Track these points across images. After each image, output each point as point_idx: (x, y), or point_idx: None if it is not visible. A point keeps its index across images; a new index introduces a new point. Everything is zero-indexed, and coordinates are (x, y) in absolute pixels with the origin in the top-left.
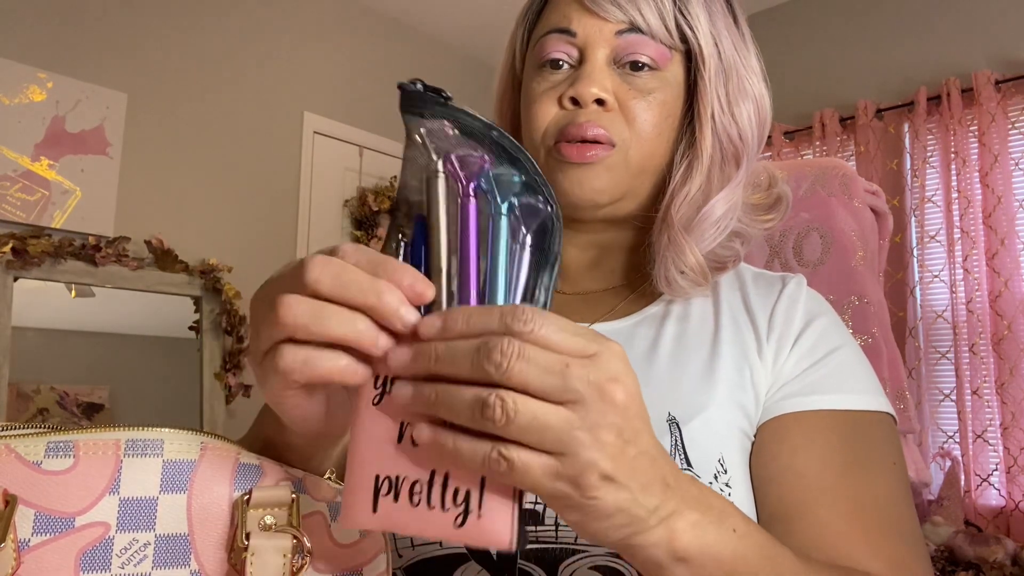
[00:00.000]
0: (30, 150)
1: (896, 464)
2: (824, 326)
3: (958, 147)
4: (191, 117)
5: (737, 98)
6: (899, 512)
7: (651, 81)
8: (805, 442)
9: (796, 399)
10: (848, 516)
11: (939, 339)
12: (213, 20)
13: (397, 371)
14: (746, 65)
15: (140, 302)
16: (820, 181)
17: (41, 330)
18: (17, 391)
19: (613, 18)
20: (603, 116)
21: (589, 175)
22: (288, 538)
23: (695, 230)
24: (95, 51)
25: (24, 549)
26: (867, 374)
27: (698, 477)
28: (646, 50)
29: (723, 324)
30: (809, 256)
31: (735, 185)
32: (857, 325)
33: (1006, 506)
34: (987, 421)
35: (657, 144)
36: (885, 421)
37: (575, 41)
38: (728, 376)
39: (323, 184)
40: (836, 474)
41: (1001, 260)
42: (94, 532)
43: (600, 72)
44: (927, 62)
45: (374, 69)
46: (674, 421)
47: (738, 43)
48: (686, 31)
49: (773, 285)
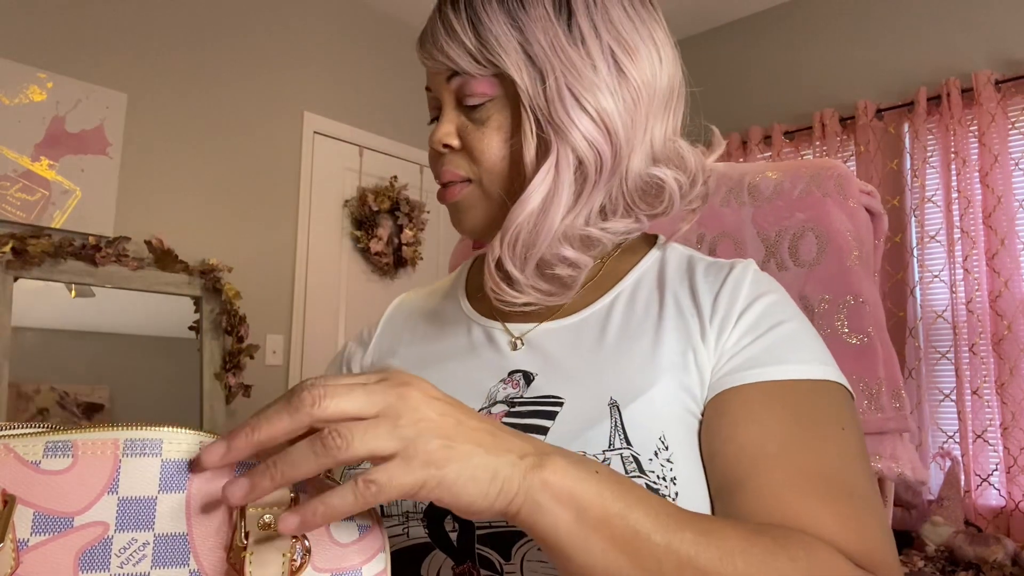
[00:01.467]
0: (30, 150)
1: (845, 429)
2: (769, 303)
3: (958, 147)
4: (191, 117)
5: (556, 104)
6: (849, 475)
7: (487, 111)
8: (746, 414)
9: (736, 374)
10: (791, 482)
11: (939, 339)
12: (213, 20)
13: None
14: (569, 66)
15: (140, 302)
16: (815, 181)
17: (41, 330)
18: (17, 391)
19: (436, 68)
20: (453, 158)
21: (458, 213)
22: (287, 538)
23: (509, 240)
24: (95, 51)
25: (23, 549)
26: (812, 346)
27: (638, 454)
28: (472, 87)
29: (667, 313)
30: (804, 256)
31: (570, 196)
32: (853, 325)
33: (1006, 506)
34: (987, 421)
35: (503, 167)
36: (832, 389)
37: (433, 95)
38: (671, 360)
39: (323, 184)
40: (778, 443)
41: (1001, 260)
42: (93, 532)
43: (445, 120)
44: (927, 62)
45: (374, 69)
46: (615, 404)
47: (562, 45)
48: (491, 57)
49: (721, 271)
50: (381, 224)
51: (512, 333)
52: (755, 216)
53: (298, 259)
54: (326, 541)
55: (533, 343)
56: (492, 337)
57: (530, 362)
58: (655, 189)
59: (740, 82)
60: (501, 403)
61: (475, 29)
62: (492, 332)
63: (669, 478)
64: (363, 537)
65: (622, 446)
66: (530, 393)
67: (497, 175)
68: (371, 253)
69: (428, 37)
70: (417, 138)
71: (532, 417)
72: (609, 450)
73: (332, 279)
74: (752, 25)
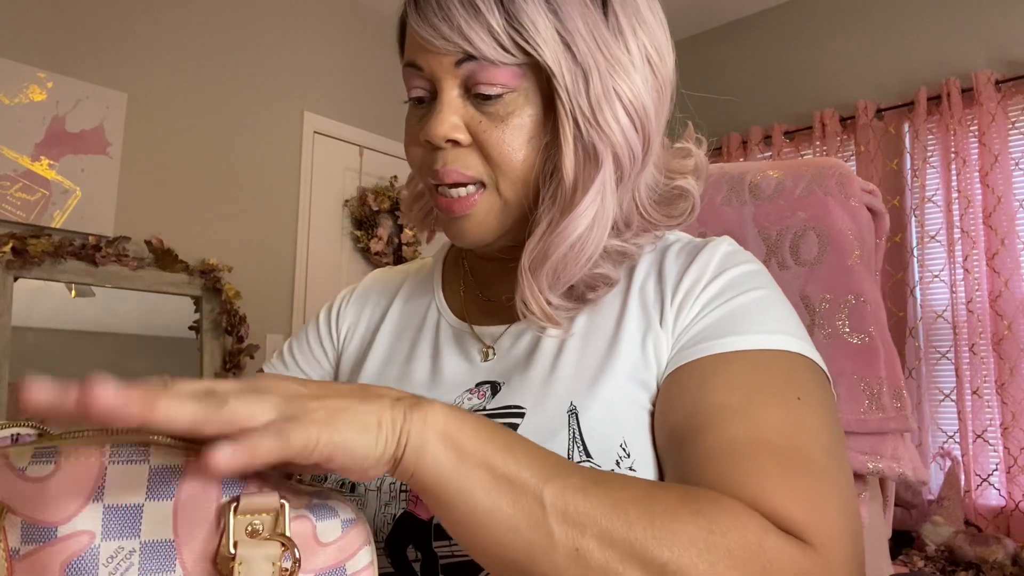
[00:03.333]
0: (30, 150)
1: (801, 399)
2: (738, 274)
3: (958, 147)
4: (191, 117)
5: (601, 103)
6: (802, 445)
7: (506, 105)
8: (697, 385)
9: (690, 349)
10: (739, 445)
11: (939, 339)
12: (213, 20)
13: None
14: (613, 61)
15: (140, 302)
16: (816, 180)
17: (41, 330)
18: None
19: (446, 51)
20: (460, 155)
21: (468, 225)
22: (276, 545)
23: (550, 266)
24: (95, 51)
25: (15, 558)
26: (775, 316)
27: (598, 467)
28: (491, 76)
29: (630, 304)
30: (806, 255)
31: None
32: (854, 324)
33: (1006, 506)
34: (987, 421)
35: (524, 170)
36: (793, 360)
37: (424, 75)
38: (630, 354)
39: (323, 184)
40: (724, 410)
41: (1001, 260)
42: (79, 542)
43: (448, 109)
44: (927, 62)
45: (374, 69)
46: (573, 412)
47: (603, 38)
48: (524, 45)
49: (693, 251)
50: (381, 224)
51: (483, 340)
52: (756, 215)
53: (298, 259)
54: (312, 544)
55: (502, 350)
56: (462, 341)
57: (498, 371)
58: (673, 199)
59: (740, 82)
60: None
61: (504, 8)
62: (463, 336)
63: None
64: (346, 533)
65: (581, 459)
66: (493, 404)
67: (516, 180)
68: (371, 253)
69: (434, 9)
70: None
71: None
72: None
73: (332, 279)
74: (752, 25)
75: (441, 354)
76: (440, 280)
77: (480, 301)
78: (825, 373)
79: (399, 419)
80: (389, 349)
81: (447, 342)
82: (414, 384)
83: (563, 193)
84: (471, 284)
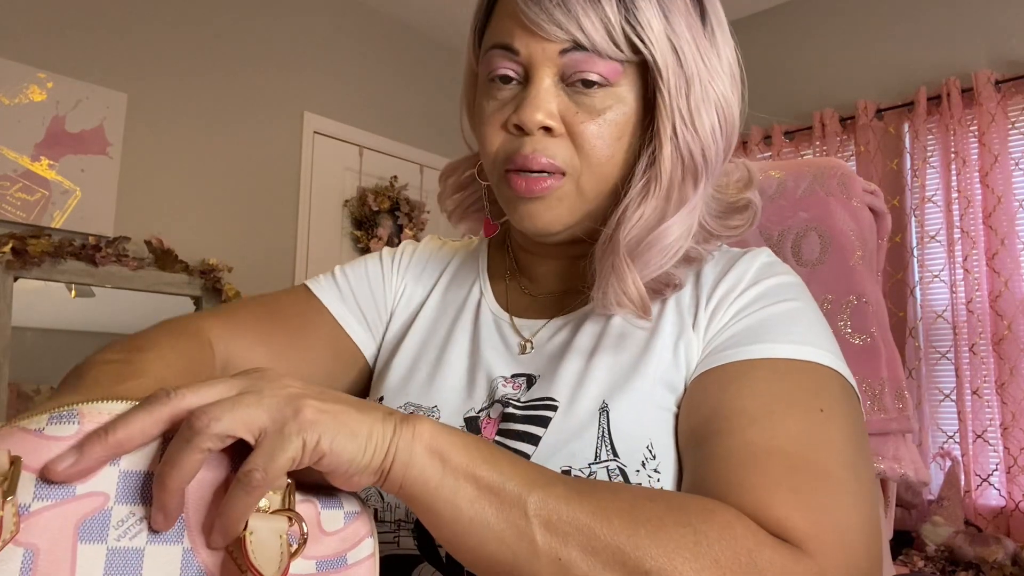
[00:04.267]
0: (30, 150)
1: (824, 411)
2: (774, 284)
3: (958, 147)
4: (191, 117)
5: (699, 108)
6: (818, 457)
7: (603, 100)
8: (719, 389)
9: (717, 354)
10: (750, 452)
11: (939, 339)
12: (213, 20)
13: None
14: (711, 69)
15: (140, 302)
16: (818, 181)
17: (41, 330)
18: (17, 391)
19: (555, 37)
20: (550, 143)
21: (540, 209)
22: (284, 520)
23: (641, 257)
24: (95, 51)
25: (24, 514)
26: (808, 328)
27: (624, 466)
28: (594, 68)
29: (667, 308)
30: (808, 256)
31: (691, 208)
32: (856, 325)
33: (1006, 506)
34: (987, 421)
35: (610, 168)
36: (820, 372)
37: (519, 59)
38: (663, 358)
39: (323, 184)
40: (749, 417)
41: (1001, 260)
42: (94, 502)
43: (545, 95)
44: (927, 62)
45: (374, 69)
46: (604, 410)
47: (703, 45)
48: (636, 42)
49: (731, 259)
50: (381, 224)
51: (522, 333)
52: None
53: (298, 259)
54: (315, 531)
55: (540, 343)
56: (501, 331)
57: (534, 365)
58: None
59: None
60: (498, 403)
61: (623, 3)
62: (501, 326)
63: (656, 489)
64: (349, 524)
65: (608, 458)
66: (528, 396)
67: (600, 174)
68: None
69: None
70: (417, 138)
71: (527, 423)
72: (595, 463)
73: None
74: (752, 25)
75: (479, 340)
76: (486, 265)
77: (522, 294)
78: (854, 389)
79: (388, 432)
80: (428, 330)
81: (485, 328)
82: (450, 367)
83: (657, 191)
84: (514, 272)
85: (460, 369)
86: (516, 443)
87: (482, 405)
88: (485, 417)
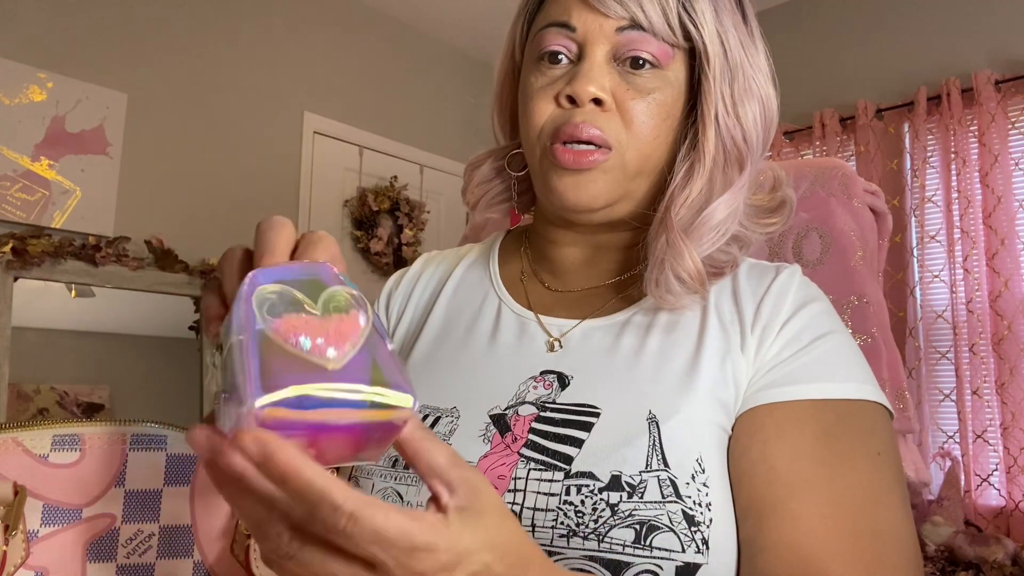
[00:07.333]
0: (30, 150)
1: (881, 454)
2: (814, 313)
3: (958, 147)
4: (191, 117)
5: (743, 98)
6: (877, 510)
7: (652, 80)
8: (777, 433)
9: (771, 390)
10: (821, 511)
11: (939, 339)
12: (213, 20)
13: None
14: (753, 64)
15: (140, 302)
16: (819, 181)
17: (41, 330)
18: (17, 391)
19: (614, 14)
20: (599, 116)
21: (584, 181)
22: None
23: (694, 234)
24: (95, 51)
25: (33, 539)
26: (855, 363)
27: (675, 478)
28: (648, 47)
29: (710, 320)
30: (808, 256)
31: (737, 189)
32: (857, 325)
33: (1006, 506)
34: (987, 421)
35: (655, 146)
36: (872, 410)
37: (574, 36)
38: (711, 373)
39: (323, 184)
40: (811, 466)
41: (1001, 260)
42: (101, 523)
43: (599, 70)
44: (927, 62)
45: (374, 69)
46: (654, 420)
47: (745, 41)
48: (690, 28)
49: (765, 275)
50: (381, 224)
51: (550, 332)
52: None
53: None
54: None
55: (572, 343)
56: (526, 330)
57: (566, 363)
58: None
59: None
60: (530, 404)
61: None
62: (526, 324)
63: (705, 503)
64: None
65: (659, 467)
66: (564, 399)
67: (644, 154)
68: (371, 253)
69: None
70: (417, 138)
71: (566, 426)
72: (646, 471)
73: None
74: None
75: (499, 341)
76: (497, 268)
77: (545, 292)
78: (891, 414)
79: None
80: (437, 339)
81: (507, 330)
82: (469, 369)
83: (701, 172)
84: (532, 274)
85: (480, 370)
86: (556, 444)
87: (508, 403)
88: (513, 414)
